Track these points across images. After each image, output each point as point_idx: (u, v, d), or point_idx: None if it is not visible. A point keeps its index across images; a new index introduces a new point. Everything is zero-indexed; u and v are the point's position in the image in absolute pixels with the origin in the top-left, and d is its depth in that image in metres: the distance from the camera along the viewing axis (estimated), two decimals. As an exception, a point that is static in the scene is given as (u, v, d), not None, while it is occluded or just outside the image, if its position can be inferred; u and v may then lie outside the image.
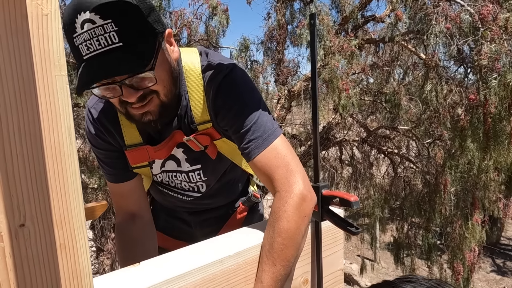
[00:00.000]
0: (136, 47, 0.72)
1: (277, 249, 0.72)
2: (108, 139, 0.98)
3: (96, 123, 0.96)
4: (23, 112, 0.40)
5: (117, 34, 0.69)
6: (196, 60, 0.92)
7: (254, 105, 0.85)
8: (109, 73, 0.73)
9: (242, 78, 0.89)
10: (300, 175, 0.78)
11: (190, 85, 0.91)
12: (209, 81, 0.89)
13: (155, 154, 0.98)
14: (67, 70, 0.45)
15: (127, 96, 0.77)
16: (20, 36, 0.40)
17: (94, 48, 0.70)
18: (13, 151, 0.39)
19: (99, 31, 0.69)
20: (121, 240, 1.06)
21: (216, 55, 0.94)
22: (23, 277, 0.41)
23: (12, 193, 0.40)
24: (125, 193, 1.05)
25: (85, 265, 0.46)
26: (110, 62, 0.71)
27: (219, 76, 0.87)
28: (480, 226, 3.52)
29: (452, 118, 3.10)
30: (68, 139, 0.43)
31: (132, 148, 0.97)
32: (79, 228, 0.46)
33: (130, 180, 1.03)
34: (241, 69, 0.92)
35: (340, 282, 0.88)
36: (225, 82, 0.87)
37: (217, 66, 0.89)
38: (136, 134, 0.96)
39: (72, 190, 0.44)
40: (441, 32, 2.63)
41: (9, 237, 0.40)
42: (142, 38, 0.74)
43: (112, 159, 1.01)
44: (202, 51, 0.95)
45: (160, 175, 1.06)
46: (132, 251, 1.02)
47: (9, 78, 0.39)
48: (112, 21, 0.68)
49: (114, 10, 0.69)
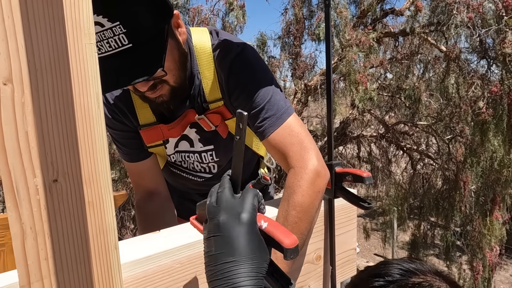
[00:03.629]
0: (145, 47, 0.73)
1: (292, 222, 0.74)
2: (123, 119, 1.01)
3: (110, 105, 1.00)
4: (57, 76, 0.44)
5: (126, 36, 0.70)
6: (207, 39, 0.93)
7: (267, 83, 0.86)
8: (121, 84, 0.76)
9: (254, 57, 0.90)
10: (314, 152, 0.80)
11: (201, 64, 0.92)
12: (221, 60, 0.90)
13: (168, 132, 0.99)
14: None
15: (139, 87, 0.81)
16: (55, 6, 0.43)
17: (105, 50, 0.72)
18: (48, 111, 0.43)
19: (108, 34, 0.70)
20: (141, 217, 1.10)
21: (227, 34, 0.95)
22: (56, 229, 0.45)
23: (46, 150, 0.44)
24: (142, 171, 1.09)
25: (110, 222, 0.50)
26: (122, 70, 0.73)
27: (230, 54, 0.88)
28: (500, 224, 3.43)
29: (473, 112, 3.02)
30: (96, 103, 0.47)
31: (147, 128, 0.99)
32: (105, 188, 0.49)
33: (146, 159, 1.06)
34: (252, 48, 0.92)
35: (353, 261, 0.89)
36: (237, 61, 0.87)
37: (228, 44, 0.90)
38: (150, 113, 0.99)
39: (99, 151, 0.48)
40: (462, 22, 2.57)
41: (44, 190, 0.44)
42: (150, 36, 0.74)
43: (128, 139, 1.04)
44: (212, 30, 0.95)
45: (173, 156, 1.09)
46: (153, 225, 1.05)
47: (45, 44, 0.43)
48: (120, 24, 0.69)
49: (121, 11, 0.69)
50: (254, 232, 0.49)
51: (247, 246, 0.48)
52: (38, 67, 0.42)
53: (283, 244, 0.48)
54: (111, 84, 0.74)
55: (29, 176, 0.43)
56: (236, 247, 0.48)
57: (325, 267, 0.85)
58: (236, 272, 0.47)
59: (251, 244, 0.48)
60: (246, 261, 0.47)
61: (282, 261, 0.74)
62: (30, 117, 0.42)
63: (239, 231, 0.49)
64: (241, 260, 0.47)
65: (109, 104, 1.00)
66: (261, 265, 0.48)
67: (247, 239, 0.48)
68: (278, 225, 0.51)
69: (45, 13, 0.43)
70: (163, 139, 1.03)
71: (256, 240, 0.49)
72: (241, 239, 0.48)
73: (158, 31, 0.75)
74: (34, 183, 0.43)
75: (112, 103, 0.99)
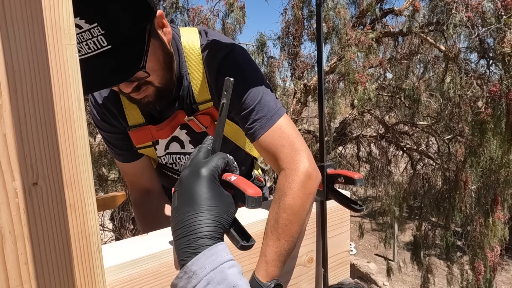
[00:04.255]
0: (125, 48, 0.72)
1: (282, 225, 0.73)
2: (112, 121, 1.00)
3: (99, 106, 0.99)
4: (36, 77, 0.43)
5: (104, 37, 0.69)
6: (196, 39, 0.91)
7: (257, 84, 0.85)
8: (101, 85, 0.76)
9: (244, 58, 0.89)
10: (305, 154, 0.79)
11: (190, 64, 0.91)
12: (209, 61, 0.89)
13: (157, 133, 0.99)
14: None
15: (123, 88, 0.81)
16: (34, 7, 0.43)
17: (85, 52, 0.71)
18: (26, 113, 0.42)
19: (86, 36, 0.69)
20: (140, 214, 1.09)
21: (216, 34, 0.93)
22: (36, 233, 0.45)
23: (26, 153, 0.43)
24: (137, 171, 1.08)
25: (93, 226, 0.49)
26: (101, 72, 0.72)
27: (219, 55, 0.87)
28: (501, 223, 3.42)
29: (473, 112, 3.01)
30: (77, 104, 0.46)
31: (136, 129, 0.99)
32: (87, 190, 0.48)
33: (139, 159, 1.06)
34: (241, 47, 0.91)
35: (346, 264, 0.89)
36: (226, 62, 0.86)
37: (217, 45, 0.89)
38: (138, 114, 0.98)
39: (81, 153, 0.47)
40: (461, 21, 2.56)
41: (23, 194, 0.43)
42: (130, 37, 0.73)
43: (119, 140, 1.03)
44: (201, 30, 0.94)
45: (164, 157, 1.08)
46: (154, 222, 1.04)
47: (23, 46, 0.42)
48: (98, 25, 0.68)
49: (98, 13, 0.68)
50: (212, 185, 0.53)
51: (205, 197, 0.52)
52: (16, 68, 0.42)
53: (246, 192, 0.52)
54: (90, 86, 0.73)
55: (8, 179, 0.42)
56: (194, 198, 0.52)
57: (317, 270, 0.84)
58: (194, 221, 0.50)
59: (210, 195, 0.52)
60: (204, 211, 0.51)
61: (273, 263, 0.73)
62: (8, 119, 0.41)
63: (197, 184, 0.52)
64: (199, 209, 0.51)
65: (98, 105, 0.99)
66: (220, 215, 0.52)
67: (205, 191, 0.52)
68: (245, 180, 0.55)
69: (23, 14, 0.42)
70: (152, 140, 1.02)
71: (215, 192, 0.53)
72: (199, 192, 0.52)
73: (139, 32, 0.74)
74: (13, 186, 0.42)
75: (101, 104, 0.98)
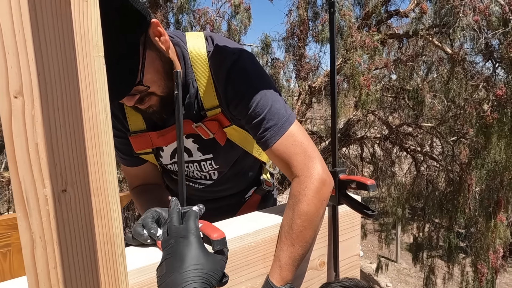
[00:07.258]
0: (120, 64, 0.70)
1: (296, 231, 0.74)
2: (117, 124, 0.99)
3: None
4: (66, 88, 0.44)
5: None
6: (202, 45, 0.90)
7: (266, 91, 0.84)
8: None
9: (252, 64, 0.87)
10: (318, 160, 0.80)
11: (197, 71, 0.89)
12: (217, 69, 0.87)
13: (157, 140, 0.97)
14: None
15: (125, 101, 0.81)
16: (64, 19, 0.44)
17: None
18: (57, 123, 0.44)
19: None
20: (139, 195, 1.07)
21: (222, 39, 0.92)
22: (64, 238, 0.46)
23: (56, 161, 0.44)
24: (140, 174, 1.08)
25: (117, 232, 0.51)
26: None
27: (226, 63, 0.85)
28: (504, 226, 3.41)
29: (478, 114, 3.01)
30: (104, 114, 0.48)
31: (135, 134, 0.98)
32: (112, 198, 0.50)
33: (144, 164, 1.05)
34: (248, 53, 0.90)
35: (357, 267, 0.90)
36: (234, 70, 0.85)
37: (224, 52, 0.87)
38: (140, 120, 0.97)
39: (107, 161, 0.48)
40: (468, 25, 2.56)
41: (53, 200, 0.45)
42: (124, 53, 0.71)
43: (124, 145, 1.02)
44: (208, 36, 0.93)
45: (171, 166, 1.07)
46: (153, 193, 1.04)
47: (54, 57, 0.44)
48: None
49: None
50: (199, 248, 0.56)
51: (193, 259, 0.55)
52: (48, 80, 0.43)
53: (210, 237, 0.57)
54: None
55: (39, 186, 0.43)
56: (184, 261, 0.54)
57: (329, 273, 0.85)
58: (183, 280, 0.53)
59: (196, 256, 0.55)
60: (192, 270, 0.54)
61: (287, 268, 0.74)
62: (40, 129, 0.43)
63: (185, 250, 0.55)
64: (188, 269, 0.53)
65: None
66: (208, 272, 0.54)
67: (192, 254, 0.55)
68: (210, 224, 0.60)
69: (55, 26, 0.43)
70: (152, 147, 1.01)
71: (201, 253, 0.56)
72: (188, 256, 0.55)
73: (132, 46, 0.72)
74: (43, 193, 0.44)
75: None
